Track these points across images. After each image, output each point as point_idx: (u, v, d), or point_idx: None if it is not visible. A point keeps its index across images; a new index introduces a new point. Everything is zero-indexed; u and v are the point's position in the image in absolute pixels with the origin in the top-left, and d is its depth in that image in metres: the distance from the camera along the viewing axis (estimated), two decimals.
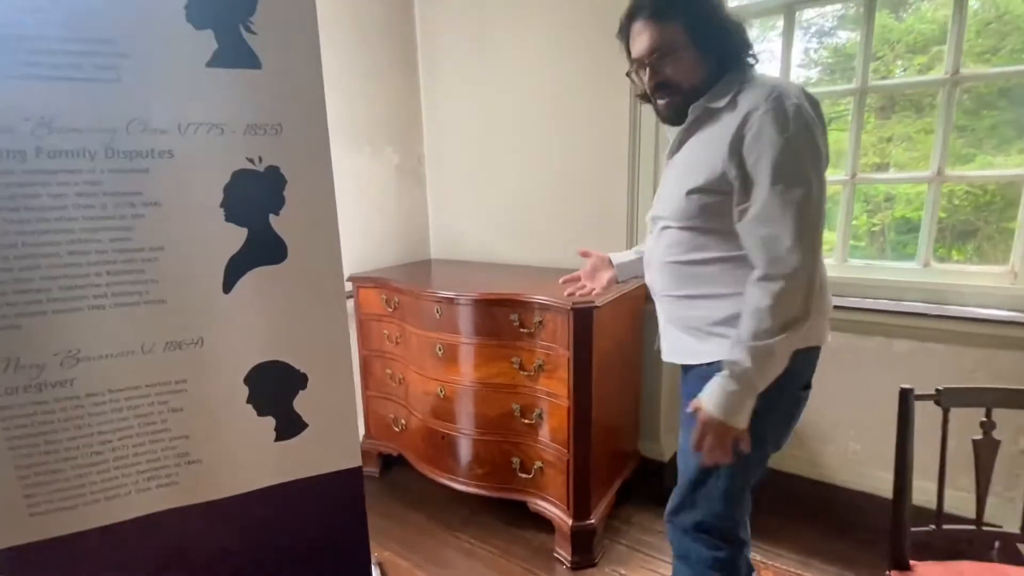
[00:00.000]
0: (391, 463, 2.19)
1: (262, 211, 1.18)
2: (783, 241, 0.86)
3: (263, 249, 1.20)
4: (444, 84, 2.34)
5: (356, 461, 1.42)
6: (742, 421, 0.91)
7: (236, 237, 1.18)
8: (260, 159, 1.18)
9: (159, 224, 1.11)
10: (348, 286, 2.05)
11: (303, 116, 1.19)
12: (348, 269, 2.12)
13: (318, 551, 1.43)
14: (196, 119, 1.09)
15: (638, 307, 1.88)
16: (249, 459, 1.31)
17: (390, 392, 2.05)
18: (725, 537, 1.06)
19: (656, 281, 1.12)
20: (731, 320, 0.95)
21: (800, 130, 0.87)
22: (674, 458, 2.09)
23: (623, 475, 1.90)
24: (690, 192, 0.96)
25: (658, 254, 1.09)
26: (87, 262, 1.06)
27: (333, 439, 1.37)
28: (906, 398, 0.95)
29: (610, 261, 1.32)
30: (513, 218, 2.26)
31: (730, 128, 0.91)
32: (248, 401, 1.28)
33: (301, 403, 1.34)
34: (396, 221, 2.37)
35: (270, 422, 1.32)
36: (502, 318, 1.64)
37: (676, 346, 1.10)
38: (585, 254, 1.35)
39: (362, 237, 2.22)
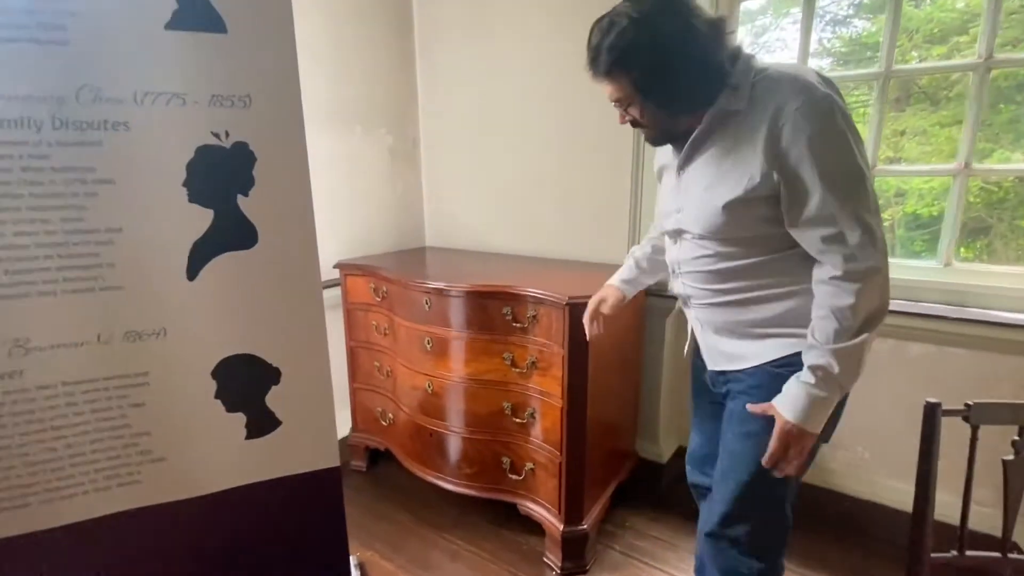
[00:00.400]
0: (378, 457, 2.12)
1: (229, 191, 1.09)
2: (851, 238, 0.82)
3: (231, 233, 1.10)
4: (442, 63, 2.23)
5: (334, 461, 1.34)
6: (820, 426, 0.88)
7: (201, 220, 1.08)
8: (226, 134, 1.08)
9: (115, 203, 1.01)
10: (335, 273, 1.96)
11: (274, 87, 1.09)
12: (337, 255, 2.03)
13: (294, 554, 1.35)
14: (154, 87, 0.99)
15: (639, 302, 1.79)
16: (218, 458, 1.23)
17: (378, 385, 1.97)
18: (776, 546, 1.03)
19: (691, 289, 1.05)
20: (787, 316, 0.92)
21: (837, 118, 0.82)
22: (673, 459, 2.02)
23: (619, 477, 1.82)
24: (727, 204, 0.89)
25: (691, 263, 1.02)
26: (35, 244, 0.97)
27: (309, 438, 1.29)
28: (932, 414, 0.86)
29: (615, 288, 1.30)
30: (511, 206, 2.15)
31: (759, 130, 0.85)
32: (216, 396, 1.20)
33: (274, 399, 1.25)
34: (389, 206, 2.27)
35: (240, 419, 1.23)
36: (494, 311, 1.55)
37: (726, 352, 1.03)
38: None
39: (353, 222, 2.12)
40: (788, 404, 0.87)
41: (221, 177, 1.05)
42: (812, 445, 0.88)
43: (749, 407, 0.95)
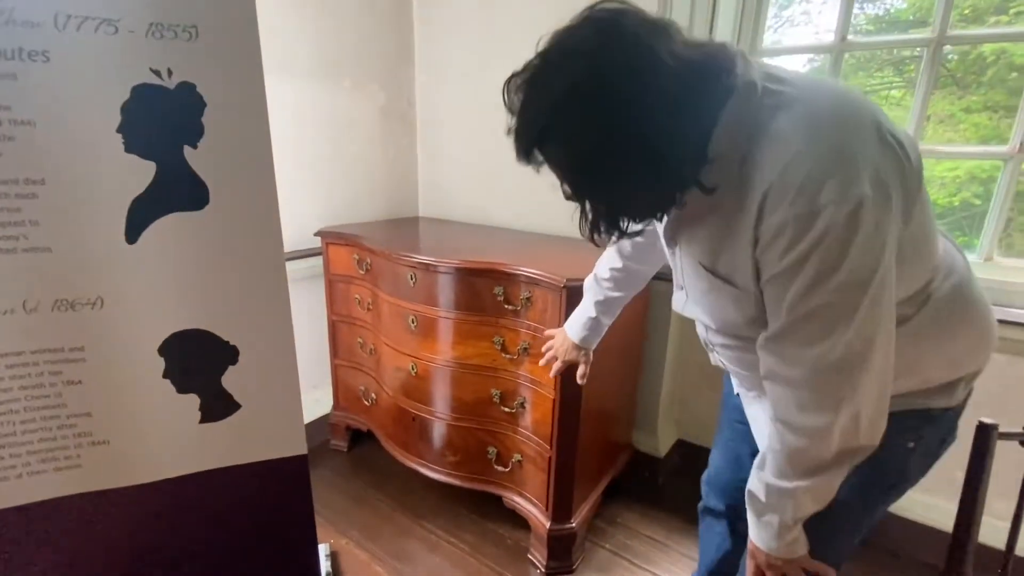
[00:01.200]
0: (360, 437, 2.02)
1: (174, 141, 0.93)
2: (796, 401, 0.63)
3: (176, 190, 0.95)
4: (442, 16, 2.03)
5: (301, 448, 1.22)
6: (794, 551, 0.70)
7: (141, 173, 0.93)
8: (169, 72, 0.91)
9: (36, 150, 0.86)
10: (317, 242, 1.81)
11: (227, 18, 0.91)
12: (320, 222, 1.88)
13: (258, 545, 1.25)
14: (79, 10, 0.82)
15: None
16: (170, 443, 1.11)
17: (360, 362, 1.85)
18: None
19: (731, 367, 0.85)
20: None
21: (846, 250, 0.54)
22: (671, 454, 1.91)
23: (613, 471, 1.71)
24: (743, 320, 0.71)
25: (725, 350, 0.82)
26: None
27: (272, 423, 1.17)
28: (986, 436, 0.73)
29: (574, 344, 1.16)
30: (512, 178, 1.99)
31: (746, 232, 0.60)
32: (165, 376, 1.07)
33: (231, 380, 1.12)
34: (380, 171, 2.10)
35: (193, 401, 1.11)
36: (484, 291, 1.41)
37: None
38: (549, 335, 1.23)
39: (338, 187, 1.96)
40: (750, 524, 0.74)
41: (164, 124, 0.89)
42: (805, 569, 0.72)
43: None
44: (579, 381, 1.19)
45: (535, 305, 1.35)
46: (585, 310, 1.12)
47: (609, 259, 1.07)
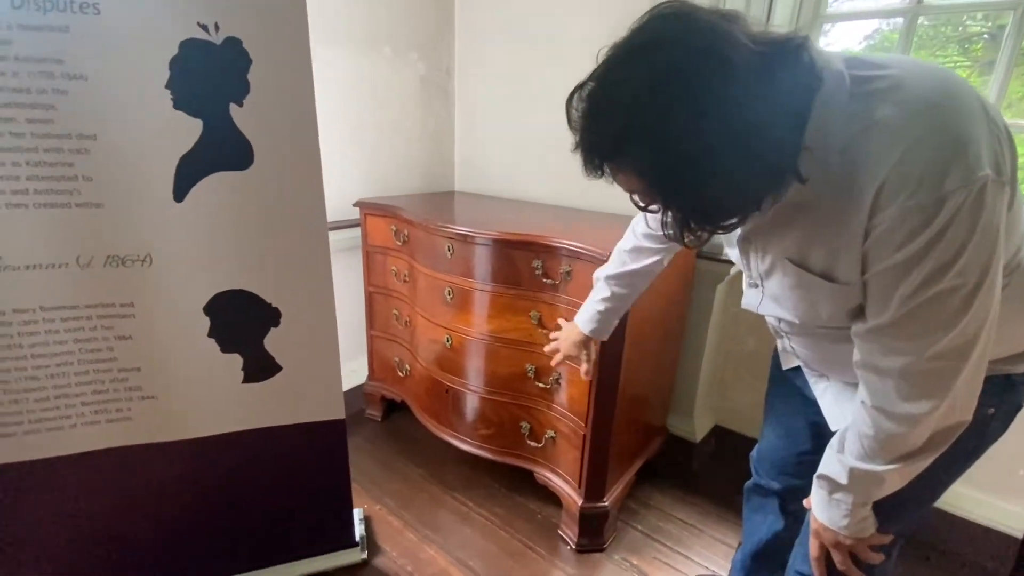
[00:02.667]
0: (394, 408, 2.04)
1: (220, 98, 0.92)
2: (896, 391, 0.60)
3: (222, 149, 0.95)
4: None
5: (339, 413, 1.23)
6: (864, 529, 0.70)
7: (188, 130, 0.93)
8: (216, 27, 0.89)
9: (88, 104, 0.87)
10: (355, 212, 1.81)
11: None
12: (358, 193, 1.88)
13: (296, 505, 1.28)
14: None
15: (689, 263, 1.58)
16: (213, 401, 1.13)
17: (395, 334, 1.85)
18: None
19: (806, 355, 0.83)
20: None
21: (970, 237, 0.51)
22: (706, 439, 1.86)
23: (646, 453, 1.68)
24: (830, 315, 0.67)
25: (801, 339, 0.80)
26: (1, 147, 0.85)
27: (312, 386, 1.18)
28: None
29: (583, 334, 1.14)
30: (552, 152, 1.93)
31: (855, 226, 0.57)
32: (210, 335, 1.08)
33: (273, 342, 1.14)
34: (418, 143, 2.08)
35: (236, 361, 1.13)
36: (523, 264, 1.38)
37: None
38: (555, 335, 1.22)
39: (376, 158, 1.95)
40: (815, 504, 0.74)
41: (211, 80, 0.89)
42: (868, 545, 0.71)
43: (804, 502, 0.78)
44: (583, 377, 1.18)
45: (575, 279, 1.31)
46: (595, 301, 1.10)
47: (627, 248, 1.04)
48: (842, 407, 0.80)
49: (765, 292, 0.75)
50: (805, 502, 0.77)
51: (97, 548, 1.13)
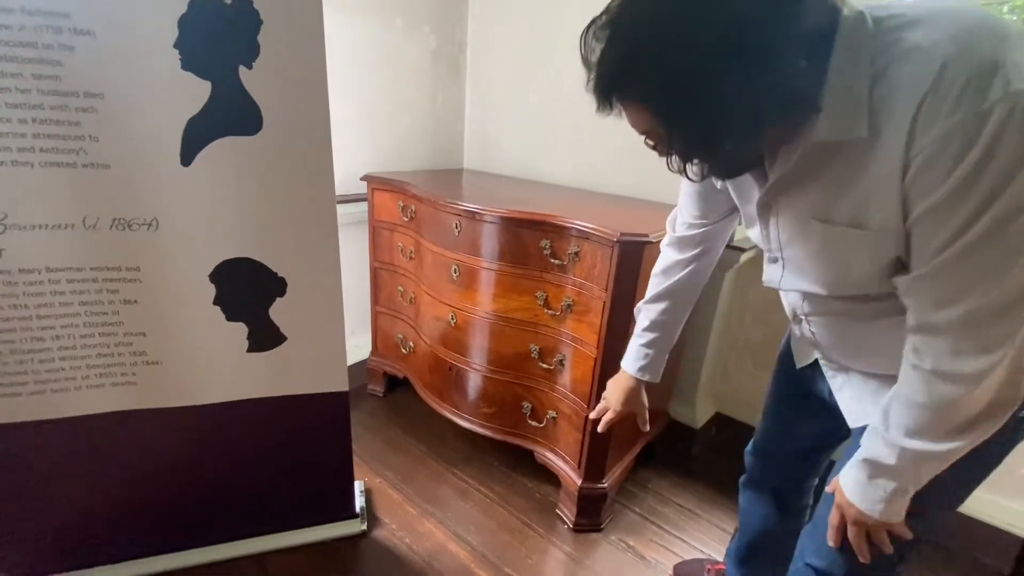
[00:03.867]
0: (396, 384, 2.05)
1: (229, 60, 0.90)
2: (951, 348, 0.55)
3: (231, 112, 0.92)
4: None
5: (342, 385, 1.23)
6: (896, 515, 0.66)
7: (196, 92, 0.91)
8: None
9: (94, 61, 0.85)
10: (362, 187, 1.79)
11: None
12: (365, 167, 1.86)
13: (298, 475, 1.29)
14: None
15: None
16: (217, 368, 1.13)
17: (400, 311, 1.85)
18: None
19: (825, 337, 0.78)
20: None
21: (1018, 158, 0.47)
22: (707, 426, 1.87)
23: (646, 438, 1.68)
24: (860, 276, 0.62)
25: (821, 318, 0.76)
26: (6, 103, 0.83)
27: (316, 358, 1.18)
28: None
29: (632, 378, 1.04)
30: (564, 132, 1.90)
31: (890, 163, 0.53)
32: (215, 303, 1.08)
33: (279, 312, 1.13)
34: (427, 118, 2.05)
35: (241, 329, 1.12)
36: (531, 243, 1.37)
37: (883, 396, 0.73)
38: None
39: (385, 132, 1.92)
40: (845, 479, 0.70)
41: (220, 41, 0.86)
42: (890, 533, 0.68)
43: (827, 488, 0.75)
44: (643, 428, 1.07)
45: (583, 261, 1.30)
46: (637, 335, 1.03)
47: (660, 269, 1.00)
48: (863, 402, 0.77)
49: (787, 266, 0.71)
50: (830, 484, 0.74)
51: (101, 510, 1.15)
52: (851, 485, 0.68)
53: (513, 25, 1.94)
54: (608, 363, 1.31)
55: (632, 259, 1.22)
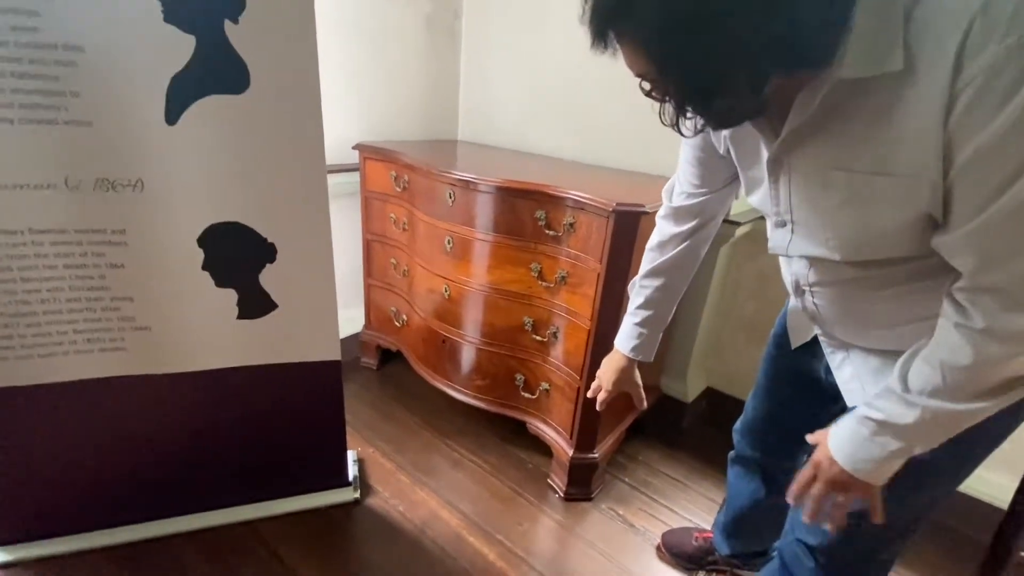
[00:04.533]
0: (390, 357, 2.05)
1: (214, 13, 0.86)
2: (1002, 304, 0.51)
3: (216, 69, 0.89)
4: None
5: (334, 354, 1.22)
6: (880, 477, 0.63)
7: (180, 47, 0.88)
8: None
9: (73, 11, 0.81)
10: (354, 156, 1.76)
11: None
12: (357, 136, 1.82)
13: (290, 444, 1.30)
14: None
15: None
16: (208, 335, 1.12)
17: (392, 283, 1.84)
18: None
19: (828, 311, 0.74)
20: None
21: None
22: (697, 400, 1.89)
23: (637, 410, 1.70)
24: (886, 232, 0.57)
25: (827, 288, 0.72)
26: None
27: (308, 326, 1.17)
28: None
29: (625, 358, 1.01)
30: (560, 103, 1.87)
31: (927, 99, 0.47)
32: (204, 268, 1.06)
33: (269, 279, 1.11)
34: (421, 87, 2.01)
35: (231, 296, 1.11)
36: (526, 214, 1.35)
37: (885, 375, 0.71)
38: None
39: (377, 100, 1.88)
40: (835, 436, 0.66)
41: None
42: (871, 496, 0.65)
43: (808, 437, 0.73)
44: (639, 407, 1.06)
45: (578, 232, 1.29)
46: (630, 312, 1.00)
47: (654, 244, 0.96)
48: (862, 381, 0.74)
49: (796, 229, 0.66)
50: (813, 436, 0.71)
51: (91, 477, 1.15)
52: (843, 439, 0.65)
53: None
54: (602, 335, 1.31)
55: (628, 230, 1.21)
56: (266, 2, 0.87)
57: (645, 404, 1.06)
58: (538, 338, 1.46)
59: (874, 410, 0.62)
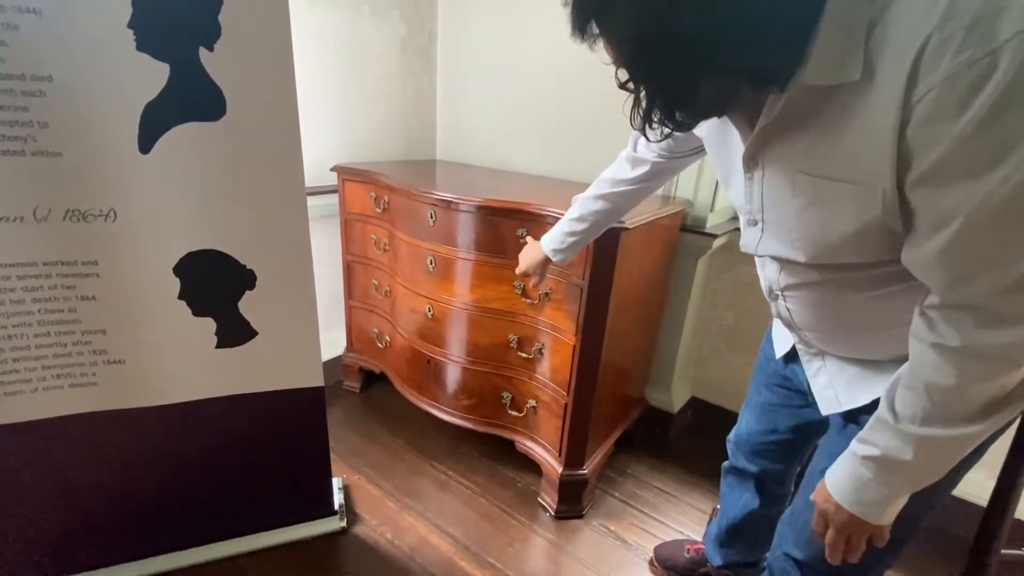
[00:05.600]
0: (373, 379, 2.02)
1: (188, 42, 0.86)
2: (975, 321, 0.51)
3: (192, 97, 0.88)
4: None
5: (317, 380, 1.20)
6: (889, 517, 0.63)
7: (154, 76, 0.87)
8: None
9: (41, 41, 0.80)
10: (333, 178, 1.75)
11: None
12: (335, 158, 1.81)
13: (276, 473, 1.26)
14: None
15: (672, 235, 1.58)
16: (186, 366, 1.09)
17: (375, 305, 1.82)
18: None
19: (801, 318, 0.75)
20: None
21: None
22: (683, 410, 1.90)
23: (625, 423, 1.70)
24: (845, 239, 0.58)
25: (797, 292, 0.72)
26: None
27: (289, 352, 1.15)
28: None
29: (544, 255, 1.16)
30: (537, 122, 1.89)
31: (883, 109, 0.48)
32: (180, 297, 1.03)
33: (248, 306, 1.09)
34: (398, 109, 2.01)
35: (209, 325, 1.08)
36: (507, 232, 1.36)
37: (859, 385, 0.74)
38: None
39: (355, 122, 1.88)
40: (836, 480, 0.65)
41: (178, 21, 0.82)
42: (872, 536, 0.65)
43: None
44: (531, 287, 1.23)
45: None
46: (565, 221, 1.11)
47: (607, 176, 1.05)
48: (836, 390, 0.75)
49: (766, 228, 0.67)
50: (815, 493, 0.70)
51: (61, 518, 1.09)
52: (844, 482, 0.64)
53: (484, 14, 1.92)
54: (587, 350, 1.32)
55: (609, 246, 1.22)
56: (242, 29, 0.87)
57: (539, 289, 1.25)
58: (523, 355, 1.45)
59: (869, 446, 0.61)
